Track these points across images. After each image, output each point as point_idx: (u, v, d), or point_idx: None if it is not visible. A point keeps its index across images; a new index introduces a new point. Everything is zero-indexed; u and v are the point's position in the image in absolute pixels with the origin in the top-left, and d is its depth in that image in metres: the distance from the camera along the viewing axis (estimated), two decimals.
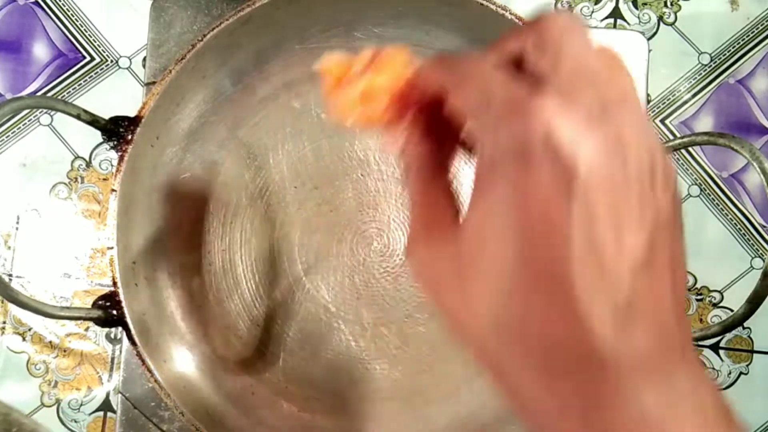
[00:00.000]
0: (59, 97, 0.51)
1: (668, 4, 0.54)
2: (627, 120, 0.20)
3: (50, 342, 0.50)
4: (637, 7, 0.54)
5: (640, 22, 0.54)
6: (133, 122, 0.40)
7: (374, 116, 0.25)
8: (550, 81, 0.20)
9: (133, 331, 0.39)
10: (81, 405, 0.49)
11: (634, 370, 0.20)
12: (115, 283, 0.40)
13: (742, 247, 0.53)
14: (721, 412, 0.20)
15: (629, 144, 0.20)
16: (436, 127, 0.25)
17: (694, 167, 0.53)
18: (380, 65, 0.25)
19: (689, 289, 0.52)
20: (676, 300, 0.20)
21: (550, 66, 0.21)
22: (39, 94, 0.51)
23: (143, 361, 0.39)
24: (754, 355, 0.52)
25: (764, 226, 0.53)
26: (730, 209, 0.53)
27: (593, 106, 0.20)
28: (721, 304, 0.52)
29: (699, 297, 0.52)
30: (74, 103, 0.40)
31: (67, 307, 0.44)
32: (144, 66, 0.50)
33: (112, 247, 0.40)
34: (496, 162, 0.20)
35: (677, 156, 0.53)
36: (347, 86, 0.26)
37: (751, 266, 0.52)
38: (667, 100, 0.54)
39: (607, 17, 0.54)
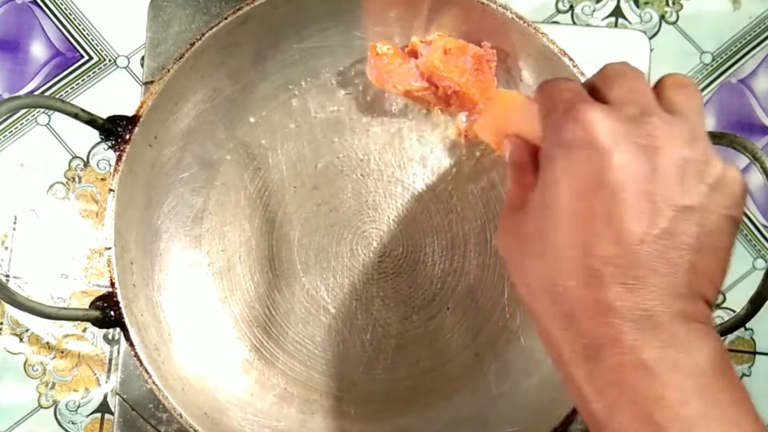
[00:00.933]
0: (57, 97, 0.51)
1: (670, 3, 0.54)
2: (664, 126, 0.24)
3: (47, 343, 0.49)
4: (638, 6, 0.54)
5: (641, 21, 0.54)
6: (131, 122, 0.40)
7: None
8: (603, 98, 0.26)
9: (131, 332, 0.39)
10: (78, 407, 0.49)
11: (636, 325, 0.23)
12: (112, 284, 0.39)
13: (744, 247, 0.52)
14: (717, 371, 0.23)
15: (662, 144, 0.24)
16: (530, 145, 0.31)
17: None
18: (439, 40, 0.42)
19: None
20: (694, 276, 0.24)
21: (606, 89, 0.26)
22: (36, 93, 0.51)
23: (141, 363, 0.39)
24: (757, 356, 0.52)
25: (766, 227, 0.53)
26: None
27: (633, 114, 0.24)
28: (723, 306, 0.52)
29: None
30: (72, 102, 0.40)
31: (65, 308, 0.44)
32: (142, 65, 0.50)
33: (109, 248, 0.40)
34: (550, 153, 0.26)
35: None
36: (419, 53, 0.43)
37: (754, 267, 0.52)
38: None
39: (608, 16, 0.53)
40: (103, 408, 0.49)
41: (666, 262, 0.23)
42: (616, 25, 0.53)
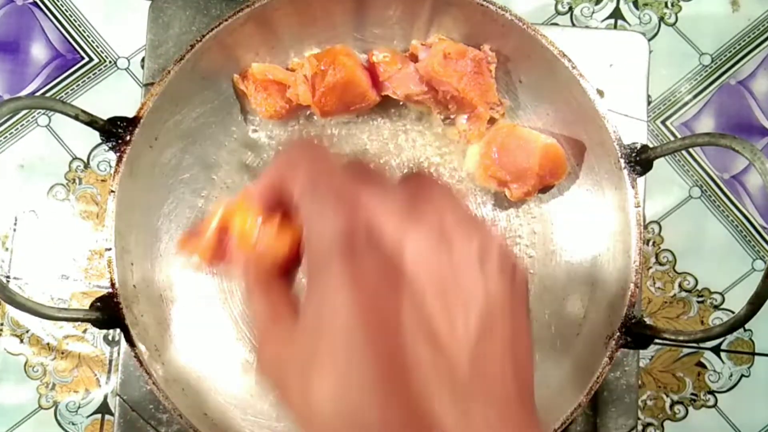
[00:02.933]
0: (57, 98, 0.51)
1: (669, 4, 0.54)
2: (448, 213, 0.22)
3: (48, 344, 0.49)
4: (637, 8, 0.54)
5: (640, 22, 0.54)
6: (131, 123, 0.40)
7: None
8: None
9: (131, 333, 0.39)
10: (79, 407, 0.49)
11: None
12: (113, 285, 0.39)
13: (743, 248, 0.52)
14: None
15: (453, 234, 0.21)
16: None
17: (695, 168, 0.53)
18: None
19: (690, 291, 0.52)
20: (517, 371, 0.21)
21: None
22: (37, 94, 0.51)
23: (141, 364, 0.39)
24: (756, 357, 0.52)
25: (765, 228, 0.53)
26: (731, 211, 0.53)
27: (408, 201, 0.22)
28: (722, 306, 0.52)
29: (700, 299, 0.52)
30: (72, 103, 0.40)
31: (65, 309, 0.44)
32: (142, 67, 0.50)
33: (110, 249, 0.40)
34: (322, 252, 0.21)
35: (678, 157, 0.53)
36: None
37: (753, 268, 0.52)
38: (668, 101, 0.53)
39: (607, 18, 0.54)
40: (104, 409, 0.49)
41: (489, 363, 0.21)
42: (615, 26, 0.54)
